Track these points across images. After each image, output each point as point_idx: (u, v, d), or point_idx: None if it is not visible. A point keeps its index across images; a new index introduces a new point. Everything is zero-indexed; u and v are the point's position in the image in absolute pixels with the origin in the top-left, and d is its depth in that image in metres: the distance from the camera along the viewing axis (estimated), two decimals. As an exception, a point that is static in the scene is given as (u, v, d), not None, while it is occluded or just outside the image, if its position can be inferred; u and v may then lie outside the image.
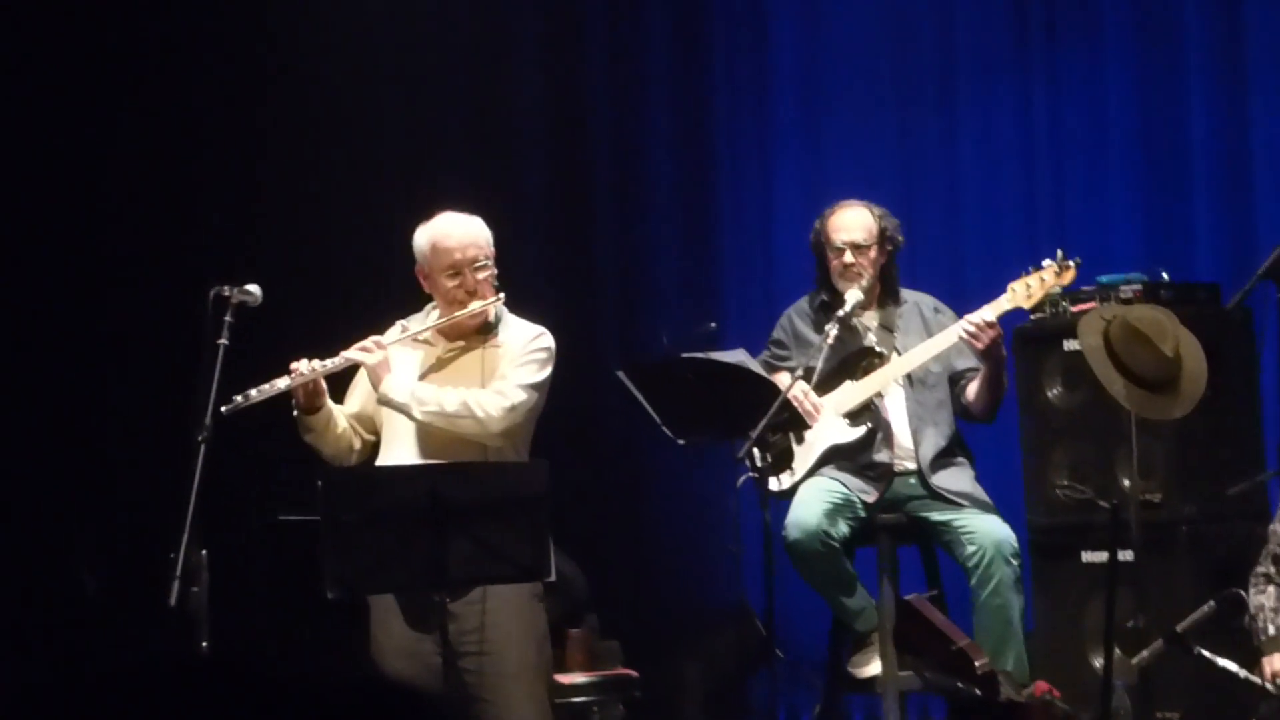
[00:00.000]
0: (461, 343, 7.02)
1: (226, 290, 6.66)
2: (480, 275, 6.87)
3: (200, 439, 6.41)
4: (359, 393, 7.02)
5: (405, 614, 6.65)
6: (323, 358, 6.93)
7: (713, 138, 10.60)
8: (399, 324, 7.06)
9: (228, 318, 6.61)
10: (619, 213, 10.31)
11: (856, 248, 7.86)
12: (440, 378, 6.94)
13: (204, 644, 6.29)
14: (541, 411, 6.87)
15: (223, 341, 6.58)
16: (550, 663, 6.99)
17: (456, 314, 6.79)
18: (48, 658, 8.44)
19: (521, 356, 6.90)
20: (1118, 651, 7.21)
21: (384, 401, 6.75)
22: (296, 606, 7.42)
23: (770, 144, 10.44)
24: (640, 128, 10.64)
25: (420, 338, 7.05)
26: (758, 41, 10.58)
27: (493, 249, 6.98)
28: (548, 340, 6.95)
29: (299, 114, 9.65)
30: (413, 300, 7.18)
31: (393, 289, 8.26)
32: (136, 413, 8.94)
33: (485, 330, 6.99)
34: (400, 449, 6.86)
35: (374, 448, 6.98)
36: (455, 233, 6.94)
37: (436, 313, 7.00)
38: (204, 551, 6.40)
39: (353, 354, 6.72)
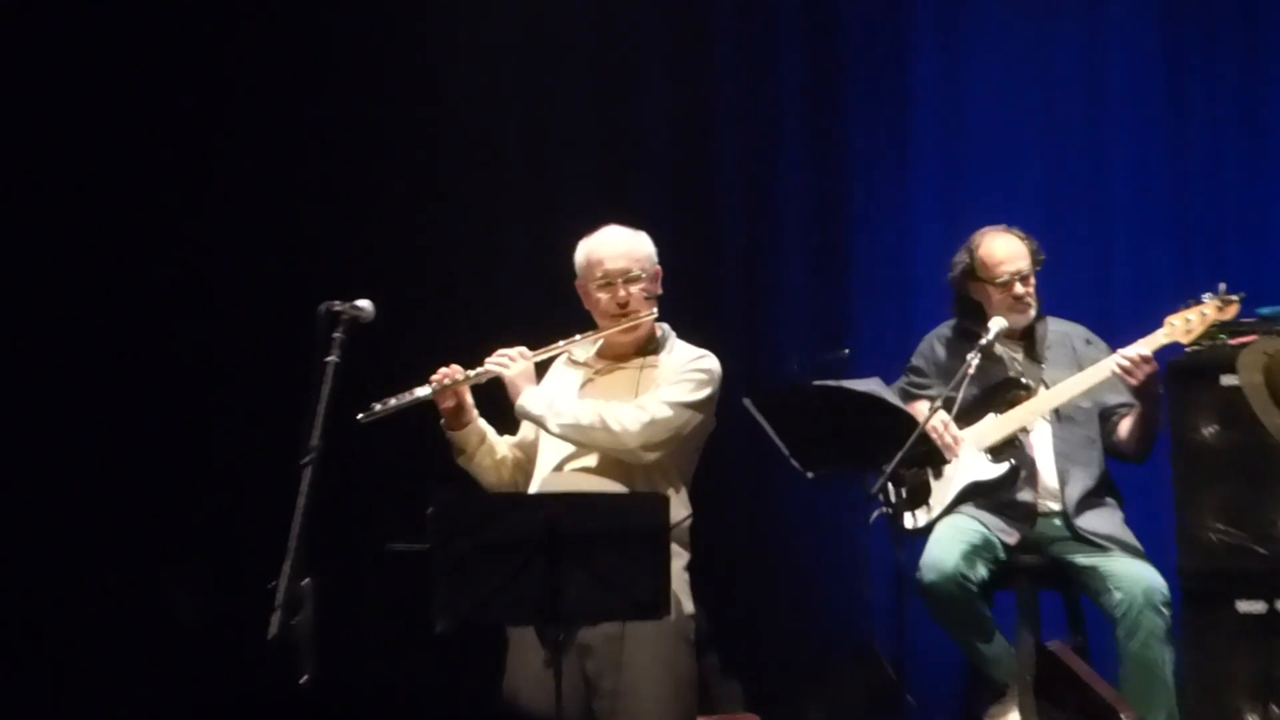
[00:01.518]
0: (620, 364, 6.83)
1: (337, 305, 6.44)
2: (633, 288, 6.74)
3: (306, 461, 6.21)
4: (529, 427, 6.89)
5: (545, 647, 6.45)
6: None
7: (847, 159, 10.31)
8: (561, 343, 6.98)
9: (338, 334, 6.40)
10: (748, 235, 9.99)
11: (1024, 278, 7.73)
12: (592, 392, 6.83)
13: (305, 678, 6.05)
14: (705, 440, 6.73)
15: (332, 359, 6.35)
16: (694, 709, 6.76)
17: (608, 330, 6.62)
18: (146, 691, 8.35)
19: (676, 375, 6.76)
20: (1274, 708, 7.35)
21: (521, 414, 6.67)
22: (412, 639, 7.20)
23: (908, 166, 10.17)
24: (771, 150, 10.30)
25: (578, 358, 6.83)
26: (897, 64, 10.35)
27: (655, 266, 6.89)
28: (710, 362, 6.80)
29: (420, 126, 9.50)
30: (537, 319, 7.23)
31: (514, 306, 8.37)
32: (247, 435, 8.77)
33: (645, 350, 6.87)
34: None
35: None
36: (611, 243, 6.86)
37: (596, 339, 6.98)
38: (307, 580, 6.16)
39: (492, 363, 6.59)
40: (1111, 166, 10.07)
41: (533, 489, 6.83)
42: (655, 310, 6.82)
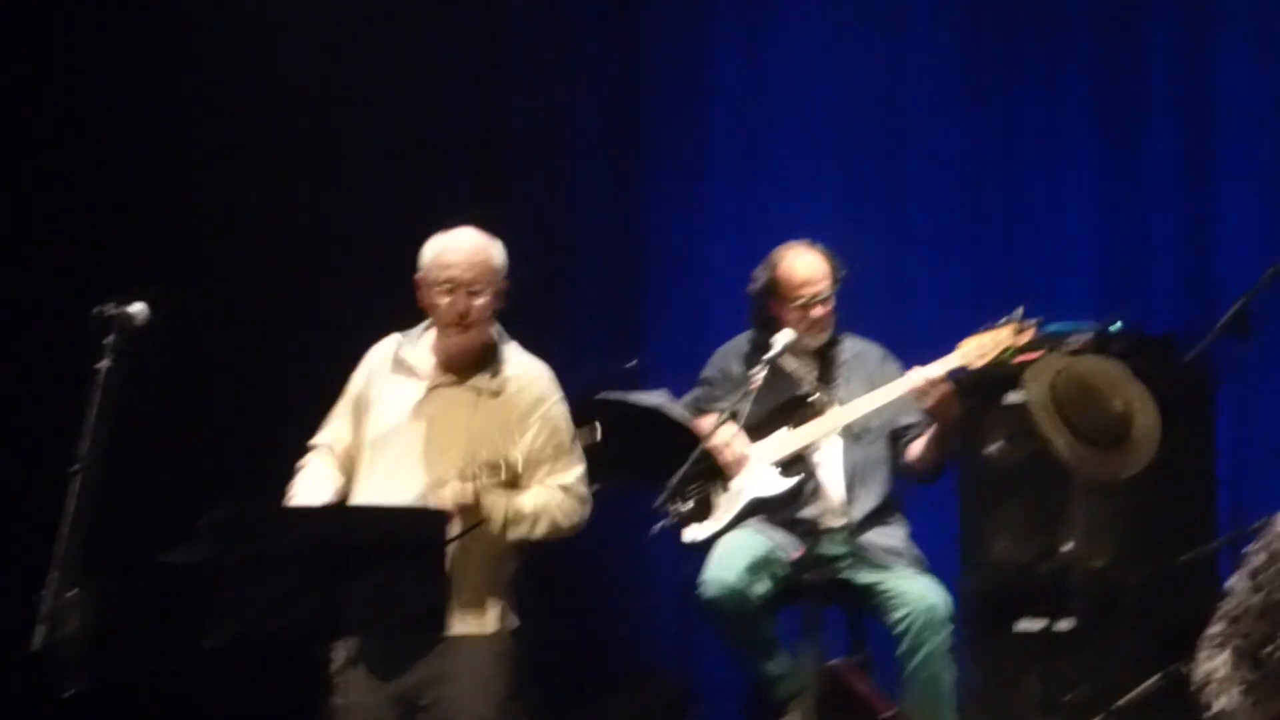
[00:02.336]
0: (448, 376, 6.62)
1: (108, 309, 6.18)
2: (476, 301, 6.55)
3: (75, 469, 5.95)
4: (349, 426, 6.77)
5: (368, 660, 6.44)
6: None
7: (644, 168, 10.33)
8: (394, 336, 6.76)
9: (110, 339, 6.14)
10: (542, 244, 9.62)
11: (823, 300, 7.74)
12: (426, 411, 6.59)
13: (71, 692, 5.74)
14: None
15: (103, 364, 6.10)
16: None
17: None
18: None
19: (553, 438, 6.59)
20: None
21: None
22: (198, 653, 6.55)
23: (706, 176, 10.15)
24: (567, 158, 10.38)
25: (414, 363, 6.68)
26: (695, 74, 10.32)
27: (504, 281, 6.70)
28: (559, 398, 6.70)
29: (213, 135, 9.40)
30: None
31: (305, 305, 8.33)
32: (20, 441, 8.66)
33: (482, 364, 6.64)
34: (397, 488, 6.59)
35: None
36: (463, 249, 6.66)
37: (431, 334, 6.72)
38: (75, 591, 5.90)
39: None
40: (910, 181, 10.07)
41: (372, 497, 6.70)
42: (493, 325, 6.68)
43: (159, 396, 7.15)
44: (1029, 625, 7.90)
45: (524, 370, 6.70)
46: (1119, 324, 8.17)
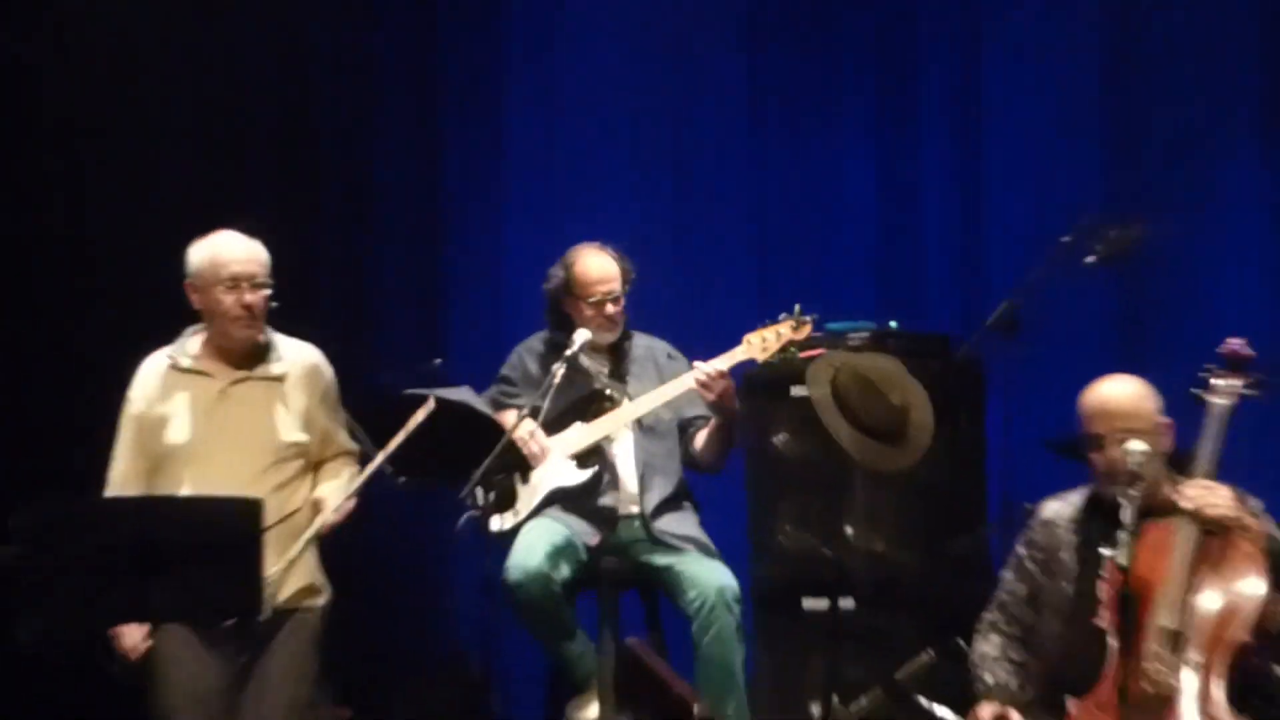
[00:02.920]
0: (234, 372, 6.88)
1: None
2: (260, 294, 6.80)
3: None
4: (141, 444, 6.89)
5: (190, 649, 6.63)
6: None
7: (445, 170, 10.54)
8: (161, 351, 6.93)
9: None
10: (344, 244, 10.21)
11: (615, 299, 7.94)
12: (226, 404, 6.81)
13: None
14: None
15: None
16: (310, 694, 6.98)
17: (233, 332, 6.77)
18: None
19: (332, 407, 6.96)
20: (836, 700, 7.48)
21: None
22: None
23: (503, 180, 10.42)
24: (369, 158, 10.56)
25: (189, 366, 6.87)
26: (492, 80, 10.59)
27: (268, 269, 6.89)
28: (330, 372, 7.03)
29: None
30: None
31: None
32: None
33: (257, 356, 6.91)
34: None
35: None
36: (237, 247, 6.88)
37: (199, 337, 6.90)
38: None
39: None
40: (696, 186, 10.23)
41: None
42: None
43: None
44: (814, 605, 8.02)
45: (302, 354, 7.00)
46: (895, 323, 8.47)
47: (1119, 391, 6.59)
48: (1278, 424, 7.55)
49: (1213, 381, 6.49)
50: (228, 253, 6.90)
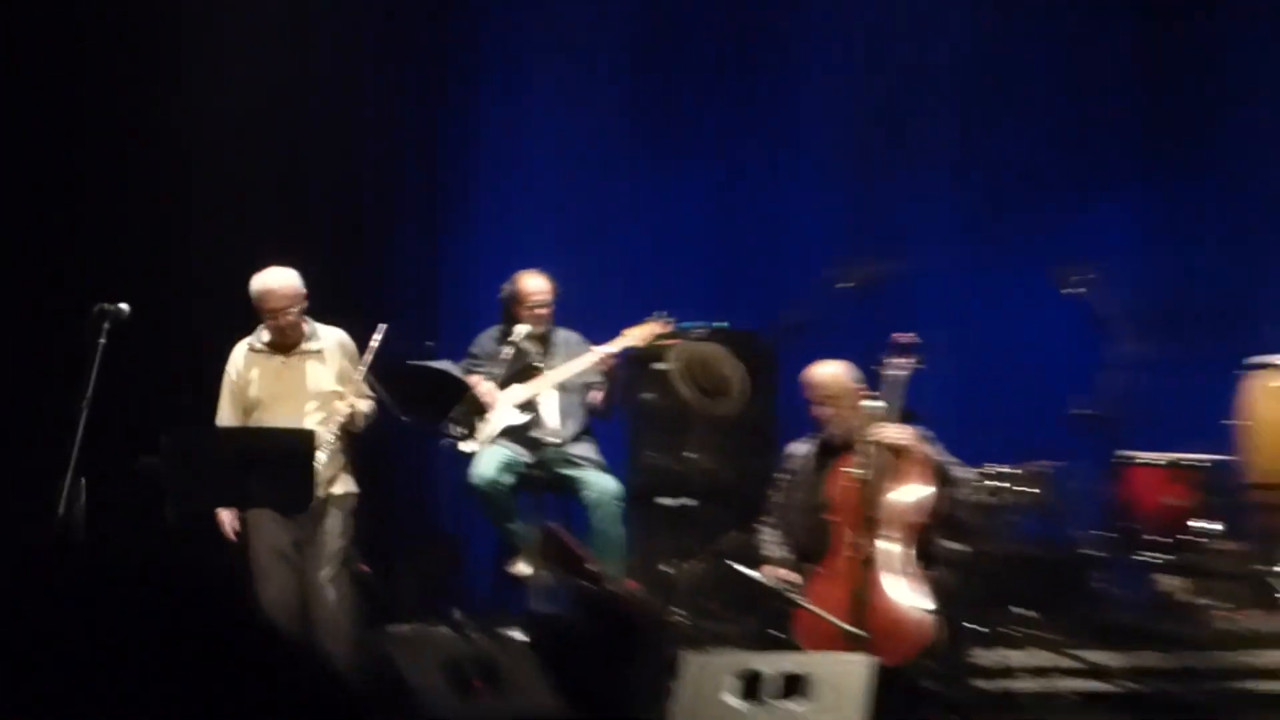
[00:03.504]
0: (287, 357, 7.55)
1: (106, 307, 7.18)
2: (289, 318, 7.45)
3: (83, 404, 6.93)
4: (236, 398, 7.52)
5: (273, 522, 7.26)
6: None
7: (440, 219, 10.56)
8: (244, 341, 7.58)
9: (105, 325, 7.11)
10: (368, 268, 10.10)
11: (545, 305, 8.39)
12: (285, 372, 7.53)
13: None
14: None
15: (101, 340, 7.10)
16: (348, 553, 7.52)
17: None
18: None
19: (354, 365, 7.48)
20: (683, 564, 8.09)
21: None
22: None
23: (475, 227, 10.60)
24: (374, 208, 10.48)
25: (260, 348, 7.56)
26: (466, 142, 10.58)
27: (302, 294, 7.45)
28: (353, 345, 7.58)
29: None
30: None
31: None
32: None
33: (301, 339, 7.51)
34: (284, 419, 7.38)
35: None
36: (274, 287, 7.47)
37: (266, 330, 7.53)
38: (82, 481, 6.94)
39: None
40: (596, 221, 10.51)
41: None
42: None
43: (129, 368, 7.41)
44: (666, 501, 8.54)
45: (333, 335, 7.59)
46: (725, 323, 9.00)
47: (825, 371, 7.30)
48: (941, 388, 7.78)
49: (892, 360, 7.19)
50: (266, 292, 7.44)
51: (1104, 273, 8.62)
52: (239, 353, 7.60)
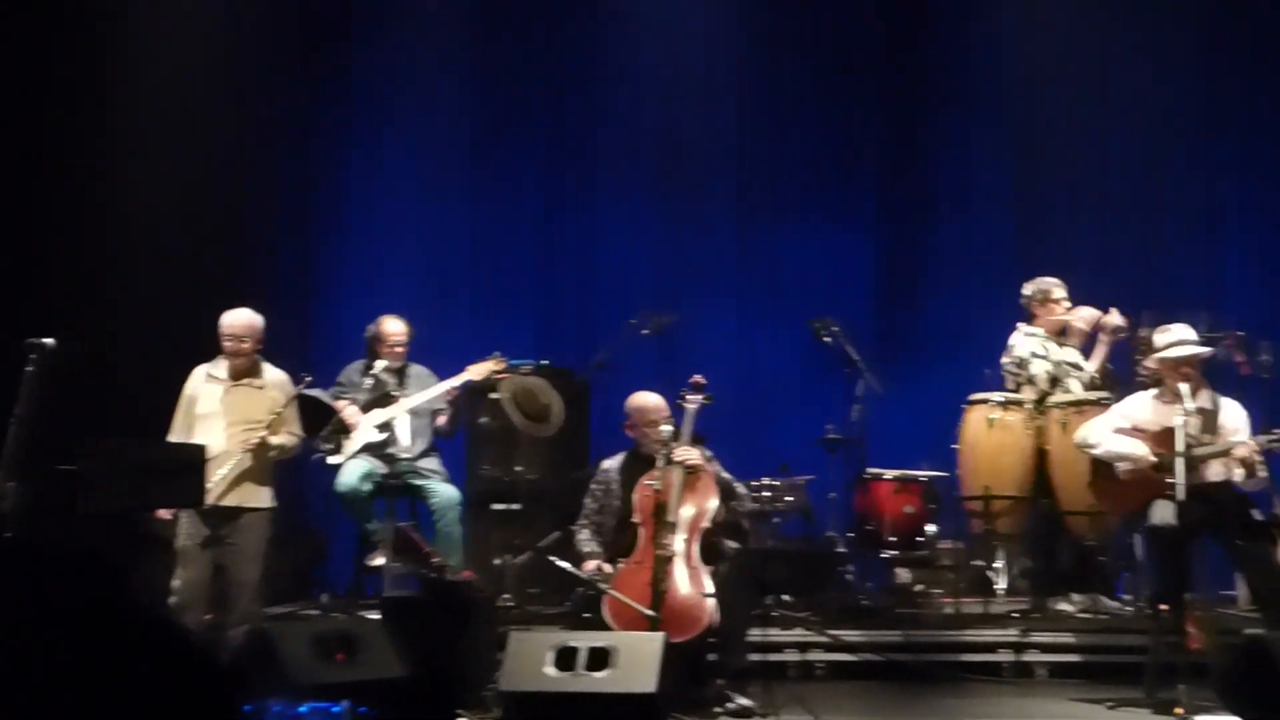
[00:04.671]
0: (234, 381, 7.39)
1: (35, 341, 7.01)
2: (244, 348, 7.35)
3: (13, 420, 6.82)
4: (185, 415, 7.31)
5: (197, 522, 7.03)
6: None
7: (314, 264, 10.36)
8: (202, 366, 7.37)
9: (34, 356, 6.96)
10: (280, 295, 9.64)
11: (403, 345, 8.33)
12: (233, 401, 7.35)
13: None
14: None
15: (29, 369, 6.93)
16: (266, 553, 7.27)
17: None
18: None
19: (290, 407, 7.36)
20: (509, 556, 8.10)
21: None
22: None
23: (350, 274, 10.40)
24: (255, 257, 10.12)
25: (215, 375, 7.38)
26: (340, 189, 10.39)
27: (259, 333, 7.36)
28: (290, 387, 7.42)
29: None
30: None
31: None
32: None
33: (251, 373, 7.41)
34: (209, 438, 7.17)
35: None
36: (232, 324, 7.38)
37: (225, 361, 7.37)
38: (13, 484, 6.80)
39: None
40: (449, 268, 10.33)
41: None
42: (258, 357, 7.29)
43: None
44: (499, 506, 8.49)
45: (274, 375, 7.47)
46: (546, 360, 8.98)
47: (645, 399, 7.16)
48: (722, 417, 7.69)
49: (687, 395, 7.16)
50: (228, 324, 7.36)
51: (846, 324, 8.78)
52: (196, 375, 7.47)
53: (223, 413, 7.39)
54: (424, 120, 10.48)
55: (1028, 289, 8.60)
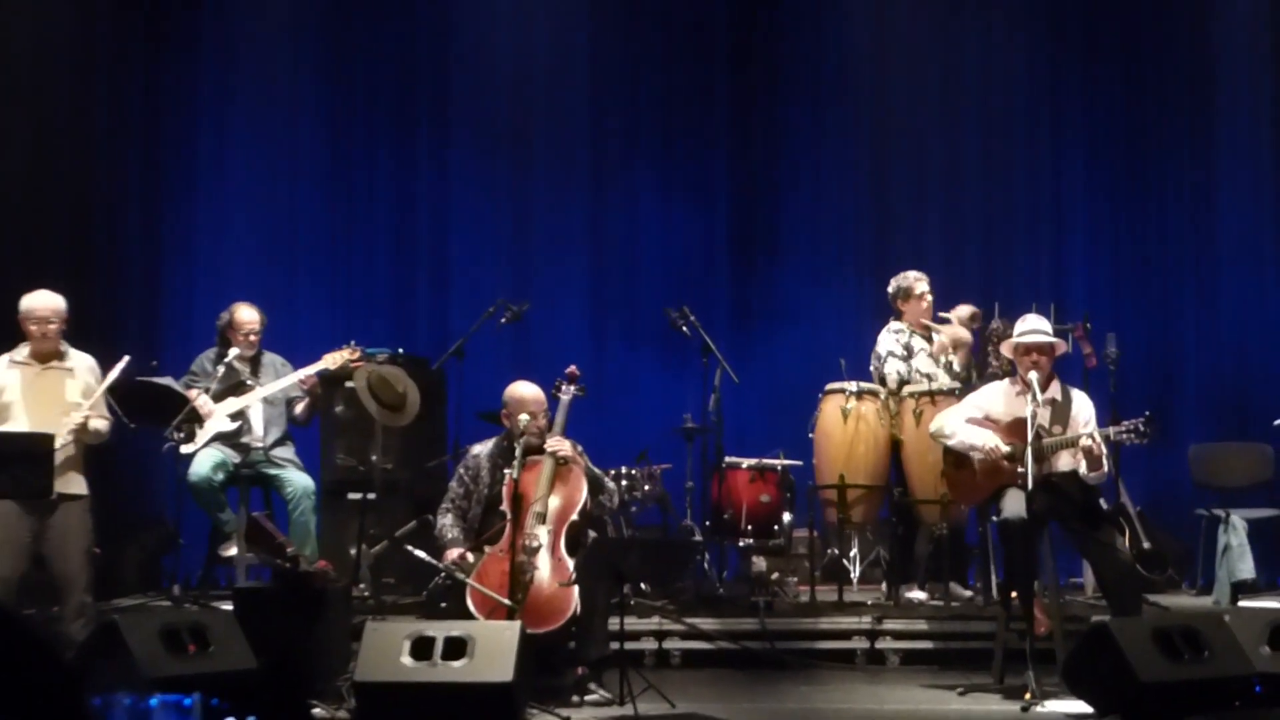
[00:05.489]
0: (44, 365, 7.28)
1: None
2: (50, 329, 7.26)
3: None
4: None
5: (11, 513, 6.87)
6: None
7: (161, 248, 10.18)
8: (6, 355, 7.25)
9: None
10: (100, 290, 9.63)
11: (256, 334, 8.19)
12: (37, 384, 7.23)
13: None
14: None
15: None
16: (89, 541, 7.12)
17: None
18: None
19: (95, 385, 7.26)
20: (364, 546, 8.03)
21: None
22: None
23: (202, 258, 10.20)
24: (102, 227, 10.01)
25: (20, 360, 7.26)
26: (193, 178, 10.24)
27: (64, 314, 7.27)
28: (98, 369, 7.38)
29: None
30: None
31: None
32: None
33: (56, 356, 7.31)
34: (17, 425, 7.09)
35: None
36: (40, 304, 7.31)
37: (28, 346, 7.29)
38: None
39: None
40: (303, 255, 10.26)
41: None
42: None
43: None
44: (354, 495, 8.36)
45: (80, 358, 7.36)
46: (401, 349, 8.85)
47: (524, 389, 7.14)
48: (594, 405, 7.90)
49: (562, 385, 7.24)
50: (34, 307, 7.29)
51: (700, 308, 8.80)
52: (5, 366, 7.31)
53: (40, 400, 7.26)
54: (274, 102, 10.37)
55: (891, 285, 8.70)
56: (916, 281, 8.60)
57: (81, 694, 2.18)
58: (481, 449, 7.24)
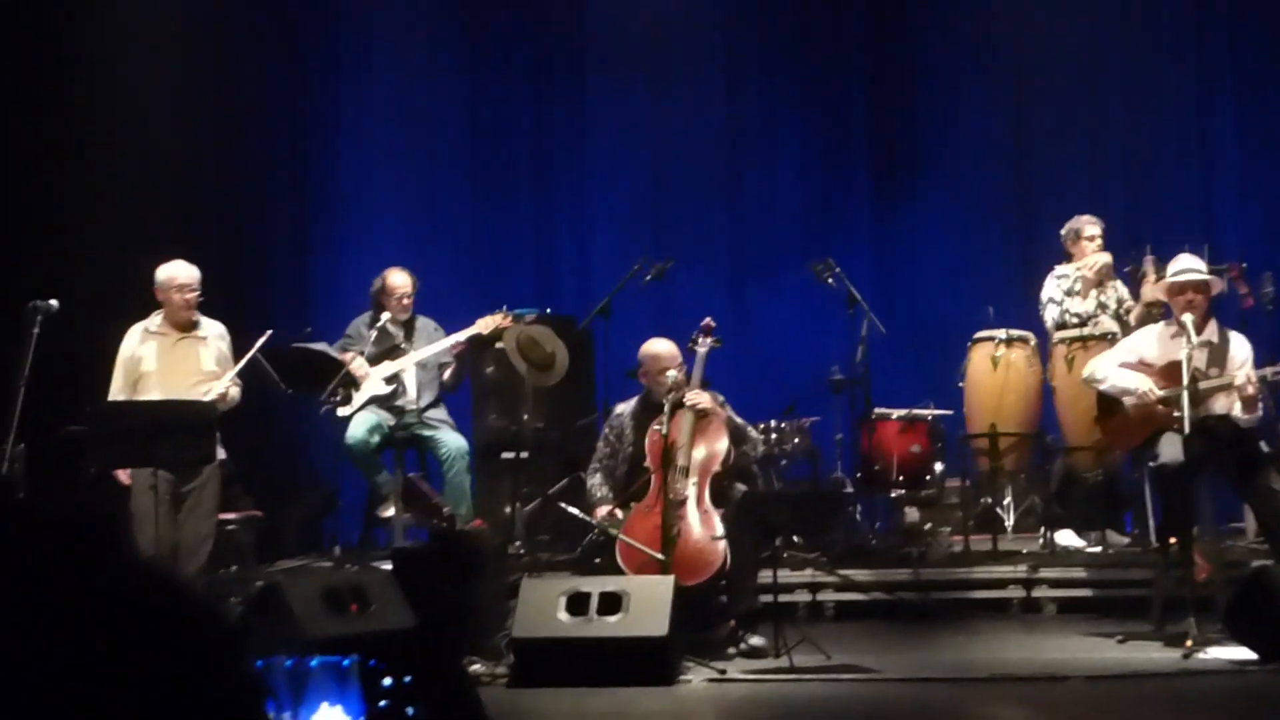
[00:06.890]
0: (180, 334, 7.44)
1: (39, 303, 7.15)
2: (188, 298, 7.46)
3: (20, 384, 6.92)
4: (128, 374, 7.36)
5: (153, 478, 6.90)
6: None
7: (309, 220, 10.30)
8: (138, 325, 7.43)
9: (39, 318, 7.08)
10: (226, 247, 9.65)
11: (409, 296, 8.33)
12: (175, 353, 7.44)
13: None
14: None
15: (35, 330, 7.07)
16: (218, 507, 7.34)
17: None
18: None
19: (229, 353, 7.47)
20: (519, 506, 8.05)
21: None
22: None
23: (355, 228, 10.37)
24: (252, 208, 10.15)
25: (154, 330, 7.47)
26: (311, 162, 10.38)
27: (200, 282, 7.46)
28: (228, 336, 7.59)
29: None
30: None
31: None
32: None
33: (192, 327, 7.45)
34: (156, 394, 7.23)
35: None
36: (178, 274, 7.51)
37: (160, 315, 7.45)
38: (22, 445, 6.92)
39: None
40: (450, 223, 10.44)
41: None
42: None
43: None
44: (507, 455, 8.34)
45: (211, 326, 7.56)
46: (549, 309, 8.92)
47: (658, 345, 7.17)
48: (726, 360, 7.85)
49: (698, 339, 7.21)
50: (175, 275, 7.44)
51: (844, 264, 8.75)
52: (134, 334, 7.51)
53: (176, 369, 7.41)
54: (414, 72, 10.46)
55: (1064, 228, 8.54)
56: (1088, 224, 8.42)
57: (243, 656, 2.16)
58: (625, 408, 7.28)
